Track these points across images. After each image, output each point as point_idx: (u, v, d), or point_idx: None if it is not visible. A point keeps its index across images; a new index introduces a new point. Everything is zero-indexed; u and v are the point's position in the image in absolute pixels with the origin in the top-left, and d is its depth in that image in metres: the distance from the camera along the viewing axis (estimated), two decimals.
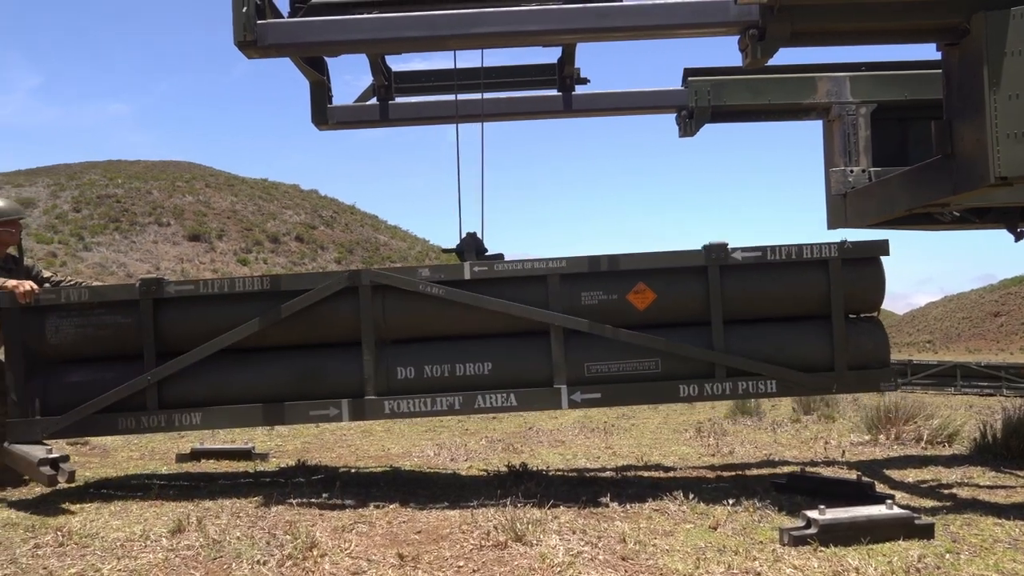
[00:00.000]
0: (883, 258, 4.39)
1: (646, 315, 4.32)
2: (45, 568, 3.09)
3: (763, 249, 4.30)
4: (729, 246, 4.30)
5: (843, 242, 4.34)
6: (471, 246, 4.65)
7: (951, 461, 5.48)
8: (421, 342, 4.43)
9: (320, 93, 5.57)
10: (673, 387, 4.28)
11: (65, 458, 4.15)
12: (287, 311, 4.27)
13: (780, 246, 4.29)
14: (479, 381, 4.31)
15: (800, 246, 4.28)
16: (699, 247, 4.35)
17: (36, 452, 4.08)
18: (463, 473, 5.15)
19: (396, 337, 4.43)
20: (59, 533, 3.50)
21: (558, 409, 4.33)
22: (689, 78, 5.74)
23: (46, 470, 3.99)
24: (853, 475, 4.40)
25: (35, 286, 4.32)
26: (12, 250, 4.71)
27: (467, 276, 4.32)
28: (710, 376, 4.28)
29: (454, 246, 4.71)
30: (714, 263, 4.27)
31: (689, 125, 5.83)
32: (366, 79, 5.82)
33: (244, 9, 4.11)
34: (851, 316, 4.41)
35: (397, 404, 4.28)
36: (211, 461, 5.57)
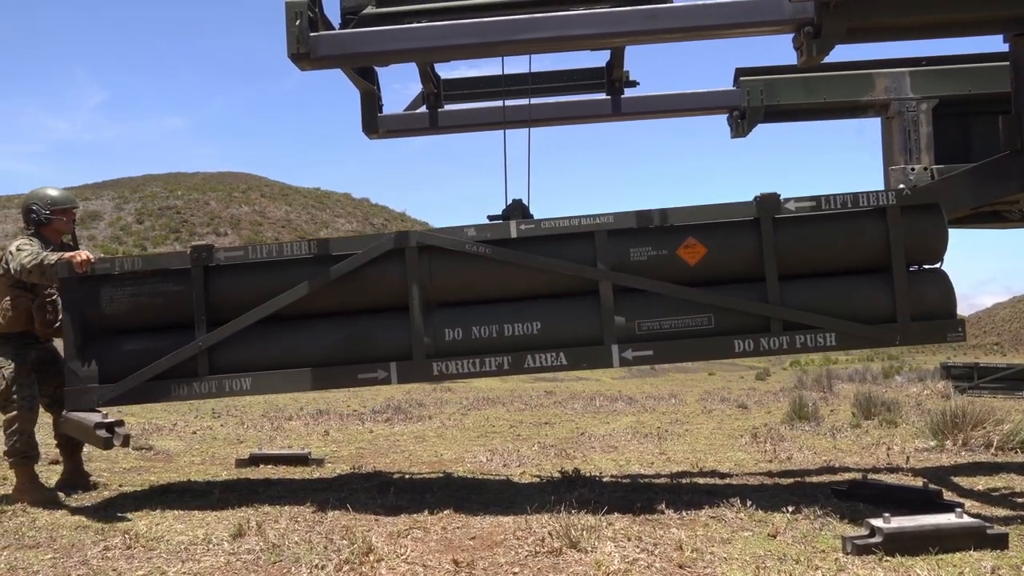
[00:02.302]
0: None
1: (697, 270, 4.22)
2: (114, 570, 3.19)
3: (817, 199, 4.17)
4: (781, 196, 4.19)
5: (901, 188, 4.21)
6: (517, 211, 4.56)
7: None
8: (468, 303, 4.40)
9: (370, 102, 5.64)
10: (727, 342, 4.16)
11: (120, 423, 4.25)
12: (335, 274, 4.28)
13: (835, 195, 4.16)
14: (528, 341, 4.24)
15: (856, 194, 4.15)
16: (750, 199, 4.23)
17: (92, 418, 4.20)
18: (516, 479, 5.14)
19: (443, 299, 4.40)
20: (127, 536, 3.62)
21: (609, 367, 4.24)
22: (741, 78, 5.65)
23: (102, 433, 4.10)
24: (919, 482, 4.27)
25: (91, 256, 4.42)
26: (67, 239, 4.87)
27: (513, 235, 4.27)
28: (766, 330, 4.16)
29: (500, 212, 4.62)
30: (766, 214, 4.15)
31: (741, 126, 5.74)
32: (415, 88, 5.89)
33: (297, 22, 4.19)
34: (912, 268, 4.25)
35: (445, 365, 4.25)
36: (269, 466, 5.67)
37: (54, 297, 4.58)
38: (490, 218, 4.58)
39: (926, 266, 4.29)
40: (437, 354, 4.28)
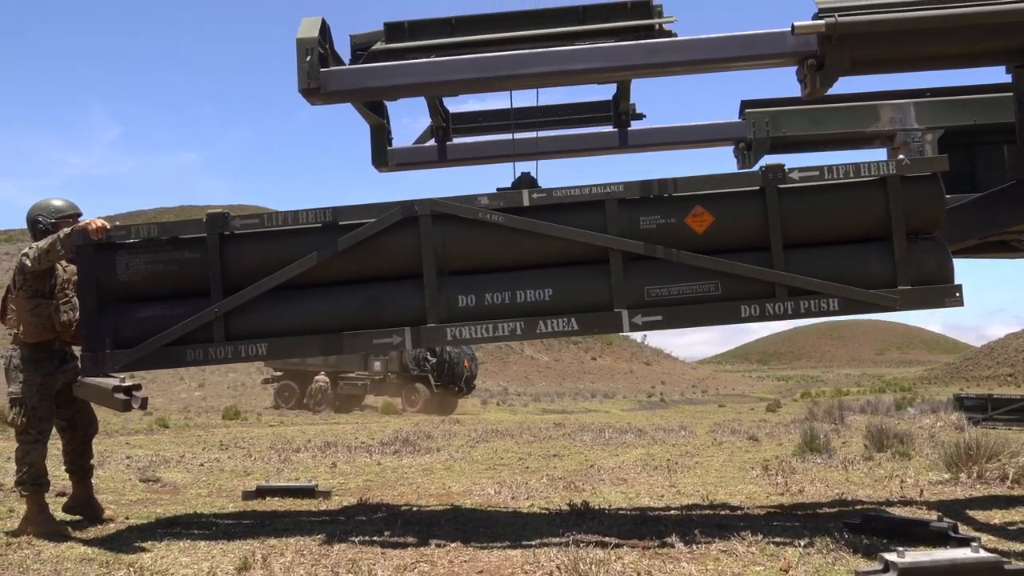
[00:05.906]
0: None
1: (705, 238, 4.27)
2: None
3: (820, 169, 4.22)
4: (786, 167, 4.23)
5: (901, 158, 4.24)
6: (527, 183, 4.59)
7: None
8: (481, 270, 4.43)
9: (380, 136, 5.71)
10: (734, 307, 4.21)
11: (138, 387, 4.27)
12: (349, 242, 4.31)
13: (837, 165, 4.22)
14: (539, 307, 4.29)
15: (857, 164, 4.20)
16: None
17: (109, 382, 4.22)
18: (524, 511, 5.09)
19: (456, 266, 4.43)
20: (131, 569, 3.59)
21: (619, 332, 4.28)
22: (747, 110, 5.69)
23: (120, 396, 4.11)
24: (933, 515, 4.19)
25: (106, 223, 4.44)
26: None
27: (526, 203, 4.31)
28: (771, 296, 4.20)
29: (509, 186, 4.65)
30: (771, 184, 4.21)
31: (747, 157, 5.77)
32: (424, 121, 5.96)
33: (308, 58, 4.27)
34: (910, 236, 4.26)
35: (459, 331, 4.28)
36: (276, 499, 5.64)
37: (71, 298, 4.60)
38: (500, 190, 4.62)
39: (923, 235, 4.31)
40: (451, 319, 4.33)
